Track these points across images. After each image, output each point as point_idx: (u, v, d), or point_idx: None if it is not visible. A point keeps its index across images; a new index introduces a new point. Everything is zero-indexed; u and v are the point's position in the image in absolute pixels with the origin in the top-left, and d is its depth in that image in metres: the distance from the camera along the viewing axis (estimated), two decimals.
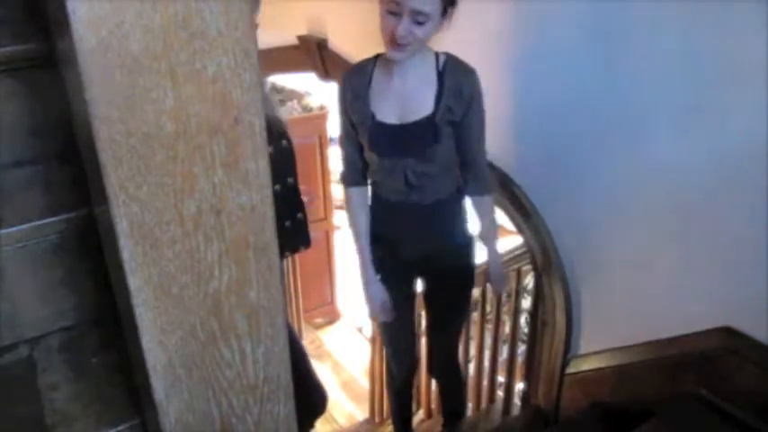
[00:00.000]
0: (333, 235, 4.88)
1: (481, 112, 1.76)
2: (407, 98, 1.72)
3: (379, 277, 1.97)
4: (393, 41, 1.59)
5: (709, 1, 1.50)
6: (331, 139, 4.61)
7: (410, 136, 1.72)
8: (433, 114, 1.70)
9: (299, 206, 1.85)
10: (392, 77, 1.73)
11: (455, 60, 1.72)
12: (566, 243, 2.15)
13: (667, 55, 1.62)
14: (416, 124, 1.71)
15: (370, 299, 1.97)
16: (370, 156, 1.80)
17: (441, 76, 1.70)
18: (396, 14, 1.55)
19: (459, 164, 1.85)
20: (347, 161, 1.89)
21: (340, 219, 5.31)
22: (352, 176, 1.91)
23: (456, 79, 1.70)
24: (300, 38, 3.09)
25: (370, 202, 1.94)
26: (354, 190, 1.92)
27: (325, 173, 4.63)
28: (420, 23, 1.56)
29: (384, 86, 1.74)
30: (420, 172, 1.77)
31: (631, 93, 1.74)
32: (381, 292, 1.97)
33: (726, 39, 1.49)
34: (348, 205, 1.94)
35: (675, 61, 1.61)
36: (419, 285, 2.13)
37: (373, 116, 1.74)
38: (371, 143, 1.76)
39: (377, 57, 1.77)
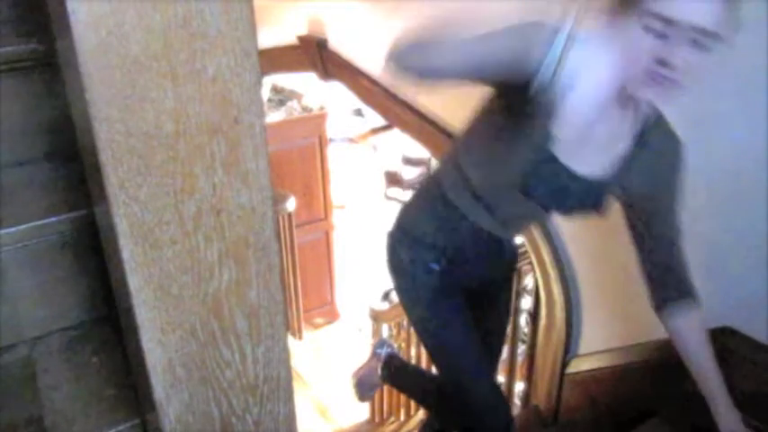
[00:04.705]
0: (332, 235, 4.88)
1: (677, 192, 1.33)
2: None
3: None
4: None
5: None
6: (330, 140, 4.60)
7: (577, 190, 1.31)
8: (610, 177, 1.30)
9: None
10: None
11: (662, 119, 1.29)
12: (566, 243, 2.14)
13: None
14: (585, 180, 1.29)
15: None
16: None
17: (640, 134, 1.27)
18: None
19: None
20: None
21: (339, 219, 5.32)
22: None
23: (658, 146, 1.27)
24: (300, 38, 3.09)
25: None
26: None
27: (324, 173, 4.62)
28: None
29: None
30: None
31: None
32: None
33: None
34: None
35: None
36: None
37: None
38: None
39: None
